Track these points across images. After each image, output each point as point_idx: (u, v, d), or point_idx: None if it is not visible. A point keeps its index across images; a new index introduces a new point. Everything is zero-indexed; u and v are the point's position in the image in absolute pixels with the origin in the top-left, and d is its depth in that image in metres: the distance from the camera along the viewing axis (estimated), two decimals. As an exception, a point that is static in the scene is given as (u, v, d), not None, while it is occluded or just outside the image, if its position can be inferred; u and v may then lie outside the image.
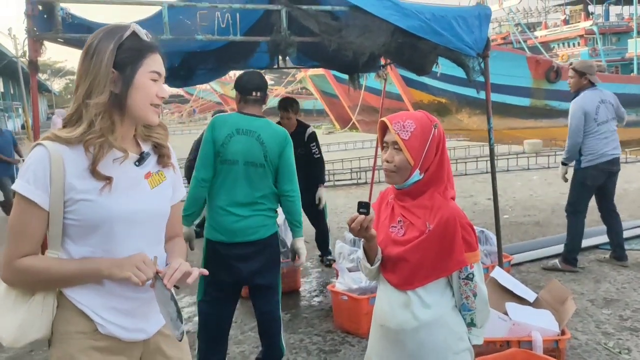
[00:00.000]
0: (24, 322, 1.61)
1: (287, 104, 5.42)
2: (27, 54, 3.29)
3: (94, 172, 1.58)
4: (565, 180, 5.65)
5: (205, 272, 1.78)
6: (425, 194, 1.96)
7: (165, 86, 1.72)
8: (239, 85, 3.27)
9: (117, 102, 1.61)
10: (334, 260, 5.15)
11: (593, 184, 5.26)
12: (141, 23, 3.57)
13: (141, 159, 1.72)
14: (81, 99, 1.58)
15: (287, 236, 4.79)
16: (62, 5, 3.33)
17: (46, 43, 3.39)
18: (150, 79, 1.65)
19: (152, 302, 1.69)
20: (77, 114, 1.60)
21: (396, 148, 1.93)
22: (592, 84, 5.28)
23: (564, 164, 5.61)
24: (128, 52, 1.61)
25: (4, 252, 1.59)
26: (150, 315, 1.73)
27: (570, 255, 5.38)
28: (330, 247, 5.94)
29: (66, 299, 1.64)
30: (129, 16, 3.89)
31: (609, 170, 5.27)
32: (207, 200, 3.24)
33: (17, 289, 1.62)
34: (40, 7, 3.28)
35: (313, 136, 5.54)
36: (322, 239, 5.97)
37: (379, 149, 2.05)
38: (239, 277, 3.18)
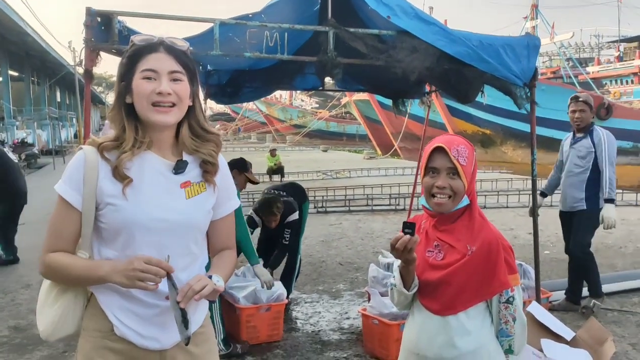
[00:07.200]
0: (59, 318, 1.69)
1: (273, 207, 5.04)
2: (83, 62, 3.44)
3: (115, 172, 1.63)
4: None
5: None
6: (464, 214, 1.95)
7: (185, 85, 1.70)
8: None
9: (132, 111, 1.69)
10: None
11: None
12: (193, 39, 3.72)
13: (177, 167, 1.70)
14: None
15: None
16: (120, 18, 3.48)
17: (103, 55, 3.54)
18: (143, 77, 1.65)
19: (171, 313, 1.63)
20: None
21: (451, 174, 1.89)
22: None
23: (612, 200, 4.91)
24: (127, 61, 1.69)
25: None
26: (167, 326, 1.68)
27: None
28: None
29: (93, 296, 1.70)
30: (182, 32, 4.02)
31: None
32: None
33: (56, 285, 1.70)
34: (98, 19, 3.44)
35: (292, 224, 5.17)
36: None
37: (419, 176, 2.03)
38: None
